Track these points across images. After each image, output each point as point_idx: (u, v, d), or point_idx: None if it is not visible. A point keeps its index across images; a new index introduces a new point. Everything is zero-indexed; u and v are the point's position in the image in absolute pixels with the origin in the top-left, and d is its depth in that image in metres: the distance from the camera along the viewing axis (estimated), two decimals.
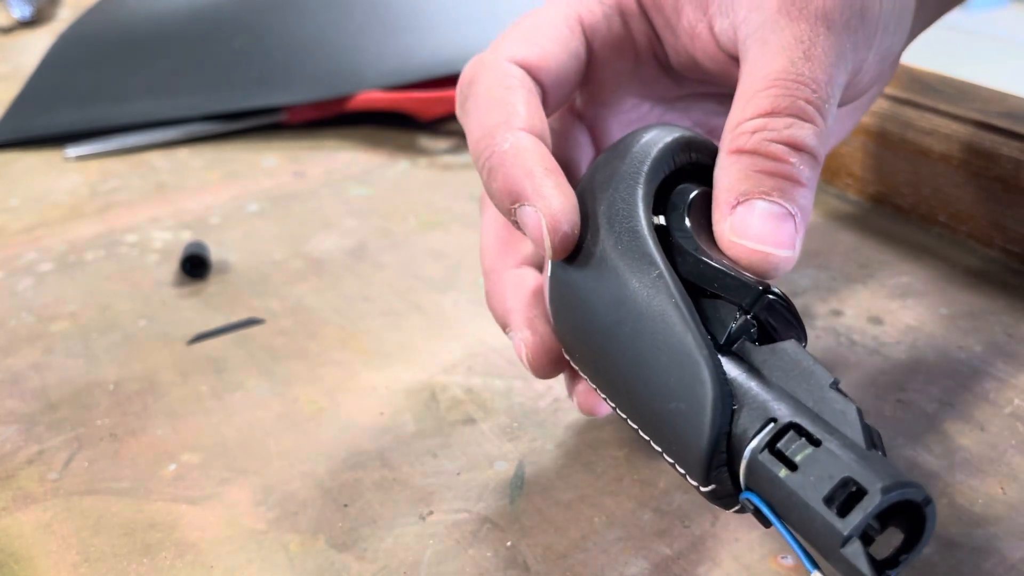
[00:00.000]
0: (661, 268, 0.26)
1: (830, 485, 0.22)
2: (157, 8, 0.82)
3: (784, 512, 0.23)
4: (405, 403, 0.39)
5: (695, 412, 0.24)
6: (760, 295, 0.26)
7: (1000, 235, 0.46)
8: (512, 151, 0.29)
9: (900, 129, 0.49)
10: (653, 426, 0.26)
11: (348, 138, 0.66)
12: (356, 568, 0.31)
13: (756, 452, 0.23)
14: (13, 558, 0.32)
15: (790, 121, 0.27)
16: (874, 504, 0.21)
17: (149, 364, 0.42)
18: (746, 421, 0.24)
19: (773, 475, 0.23)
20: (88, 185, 0.61)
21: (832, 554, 0.22)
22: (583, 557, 0.31)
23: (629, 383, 0.27)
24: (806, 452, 0.23)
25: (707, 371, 0.24)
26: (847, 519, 0.21)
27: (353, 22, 0.74)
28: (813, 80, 0.28)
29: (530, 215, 0.28)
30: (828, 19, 0.28)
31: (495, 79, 0.31)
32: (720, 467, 0.24)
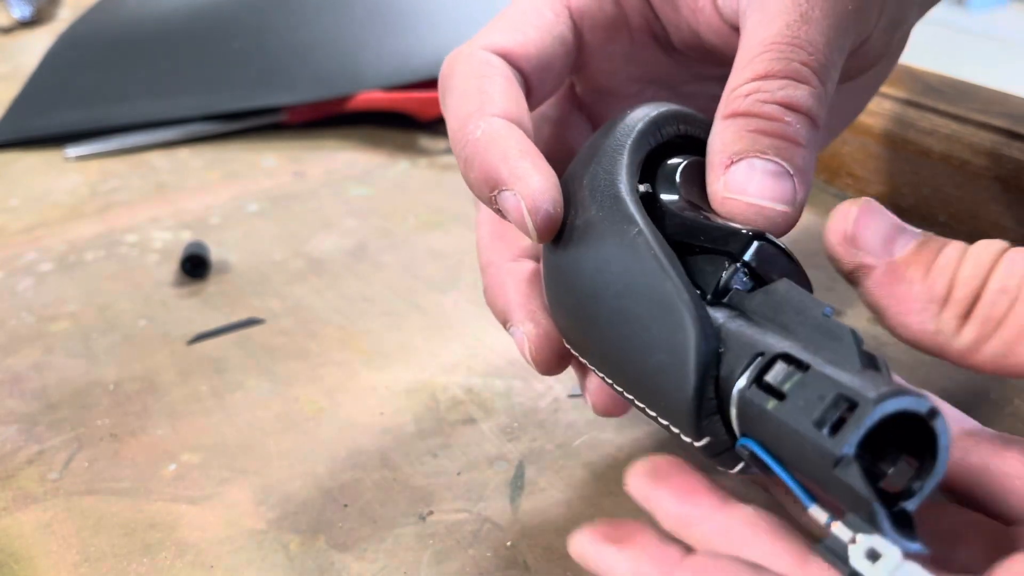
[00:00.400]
0: (640, 225, 0.25)
1: (820, 407, 0.20)
2: (157, 8, 0.82)
3: (779, 449, 0.21)
4: (405, 403, 0.39)
5: (679, 359, 0.23)
6: (748, 240, 0.25)
7: (1001, 235, 0.46)
8: (485, 138, 0.28)
9: (901, 129, 0.49)
10: (643, 387, 0.25)
11: (348, 138, 0.66)
12: (356, 568, 0.31)
13: (744, 390, 0.22)
14: (13, 558, 0.32)
15: (785, 83, 0.27)
16: (866, 415, 0.19)
17: (149, 364, 0.42)
18: (733, 361, 0.22)
19: (762, 409, 0.21)
20: (88, 185, 0.61)
21: (830, 481, 0.20)
22: None
23: (617, 347, 0.25)
24: (794, 379, 0.21)
25: (688, 316, 0.23)
26: (838, 437, 0.19)
27: (353, 22, 0.74)
28: (810, 43, 0.27)
29: (509, 200, 0.28)
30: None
31: (471, 69, 0.31)
32: (711, 416, 0.23)
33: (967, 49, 2.33)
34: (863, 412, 0.19)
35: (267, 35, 0.74)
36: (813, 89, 0.27)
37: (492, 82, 0.30)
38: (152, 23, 0.79)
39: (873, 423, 0.19)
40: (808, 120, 0.27)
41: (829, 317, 0.22)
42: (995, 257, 0.23)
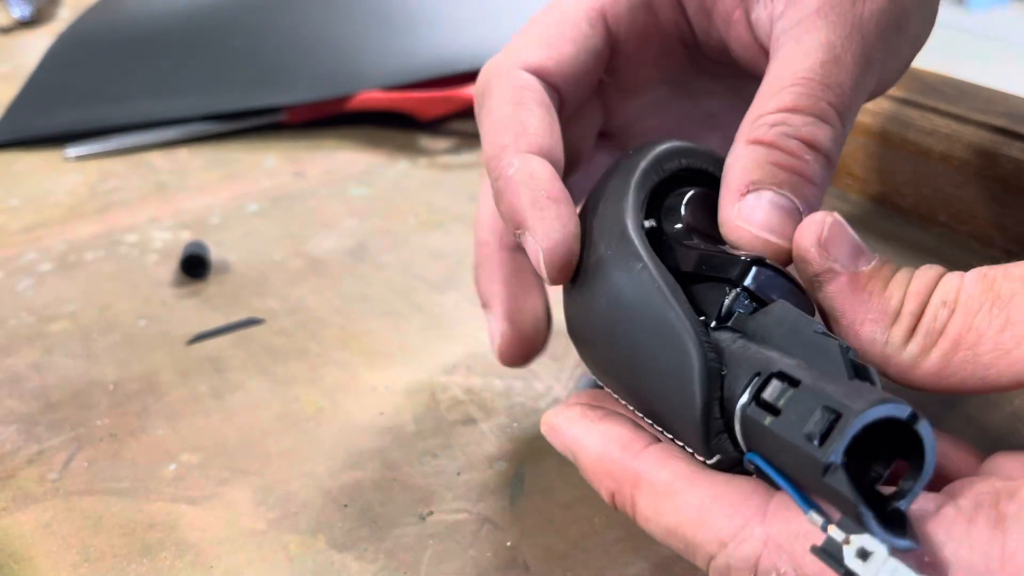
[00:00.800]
0: (645, 260, 0.27)
1: (810, 420, 0.21)
2: (157, 8, 0.82)
3: (779, 461, 0.23)
4: (405, 403, 0.39)
5: (685, 384, 0.25)
6: (747, 266, 0.26)
7: (1001, 235, 0.46)
8: (517, 177, 0.29)
9: (901, 129, 0.49)
10: (658, 412, 0.27)
11: (348, 138, 0.66)
12: (356, 568, 0.31)
13: (745, 407, 0.23)
14: (13, 558, 0.32)
15: (810, 120, 0.28)
16: (849, 425, 0.20)
17: (149, 364, 0.42)
18: (734, 382, 0.24)
19: (761, 425, 0.23)
20: (88, 185, 0.61)
21: (822, 488, 0.21)
22: (583, 557, 0.31)
23: (631, 376, 0.27)
24: (788, 395, 0.22)
25: (690, 343, 0.25)
26: (825, 447, 0.21)
27: (353, 22, 0.74)
28: (839, 84, 0.28)
29: (530, 243, 0.29)
30: (864, 28, 0.29)
31: (508, 92, 0.31)
32: (719, 434, 0.24)
33: (967, 49, 2.33)
34: (847, 422, 0.20)
35: (267, 35, 0.74)
36: (834, 130, 0.28)
37: (529, 111, 0.31)
38: (152, 23, 0.79)
39: (856, 432, 0.20)
40: (825, 160, 0.28)
41: (820, 334, 0.24)
42: (938, 275, 0.26)
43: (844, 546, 0.20)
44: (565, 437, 0.29)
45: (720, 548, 0.24)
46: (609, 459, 0.27)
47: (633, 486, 0.26)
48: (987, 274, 0.25)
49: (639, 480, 0.26)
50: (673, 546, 0.25)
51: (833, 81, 0.28)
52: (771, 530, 0.23)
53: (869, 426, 0.20)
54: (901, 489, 0.21)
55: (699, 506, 0.25)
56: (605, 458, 0.27)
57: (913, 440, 0.21)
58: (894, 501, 0.21)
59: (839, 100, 0.28)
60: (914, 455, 0.21)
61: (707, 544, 0.24)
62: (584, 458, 0.28)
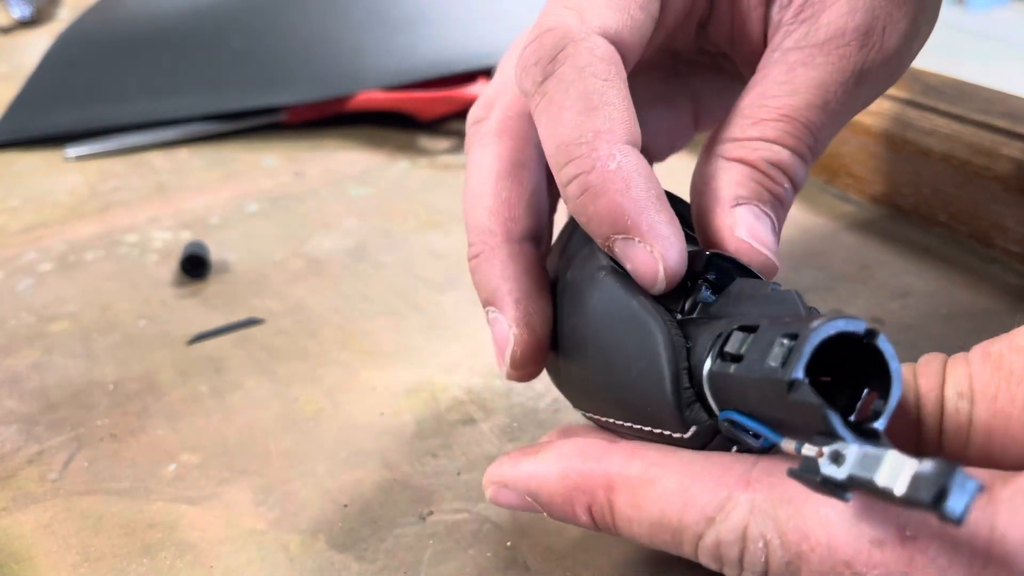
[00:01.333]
0: (605, 264, 0.28)
1: (770, 351, 0.21)
2: (157, 8, 0.82)
3: (750, 408, 0.23)
4: (405, 403, 0.39)
5: (653, 361, 0.25)
6: (707, 258, 0.27)
7: (1001, 235, 0.46)
8: (621, 175, 0.26)
9: (901, 129, 0.49)
10: (633, 403, 0.26)
11: (348, 138, 0.66)
12: (356, 568, 0.31)
13: (712, 366, 0.24)
14: (13, 558, 0.32)
15: (789, 155, 0.29)
16: (806, 340, 0.20)
17: (149, 364, 0.42)
18: (700, 351, 0.24)
19: (726, 375, 0.23)
20: (88, 185, 0.61)
21: (790, 412, 0.21)
22: (583, 557, 0.31)
23: (608, 377, 0.27)
24: (748, 340, 0.23)
25: (652, 322, 0.25)
26: (785, 367, 0.21)
27: (353, 22, 0.74)
28: (820, 129, 0.29)
29: (640, 252, 0.26)
30: (862, 75, 0.29)
31: (588, 63, 0.27)
32: (691, 404, 0.25)
33: (967, 49, 2.33)
34: (803, 338, 0.21)
35: (267, 35, 0.74)
36: (807, 166, 0.30)
37: (614, 91, 0.27)
38: (152, 23, 0.79)
39: (814, 346, 0.20)
40: (795, 189, 0.30)
41: (776, 289, 0.24)
42: (942, 365, 0.25)
43: (819, 459, 0.20)
44: (518, 479, 0.27)
45: (708, 525, 0.23)
46: (574, 473, 0.26)
47: (607, 489, 0.25)
48: (990, 352, 0.24)
49: (611, 481, 0.25)
50: (661, 542, 0.25)
51: (816, 126, 0.29)
52: (756, 496, 0.23)
53: (827, 346, 0.21)
54: (874, 411, 0.21)
55: (679, 488, 0.24)
56: (569, 475, 0.26)
57: (879, 363, 0.21)
58: (869, 422, 0.21)
59: (816, 142, 0.30)
60: (882, 378, 0.21)
61: (694, 524, 0.23)
62: (546, 488, 0.26)
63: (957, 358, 0.25)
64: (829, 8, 0.29)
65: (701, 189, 0.29)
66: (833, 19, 0.29)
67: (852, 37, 0.29)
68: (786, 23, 0.30)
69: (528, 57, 0.28)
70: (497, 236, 0.31)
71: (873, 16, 0.29)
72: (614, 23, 0.28)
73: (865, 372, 0.22)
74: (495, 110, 0.33)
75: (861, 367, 0.22)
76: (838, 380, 0.22)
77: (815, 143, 0.29)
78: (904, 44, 0.30)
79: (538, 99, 0.28)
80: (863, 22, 0.29)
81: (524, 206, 0.32)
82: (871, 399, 0.22)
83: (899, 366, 0.21)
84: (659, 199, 0.27)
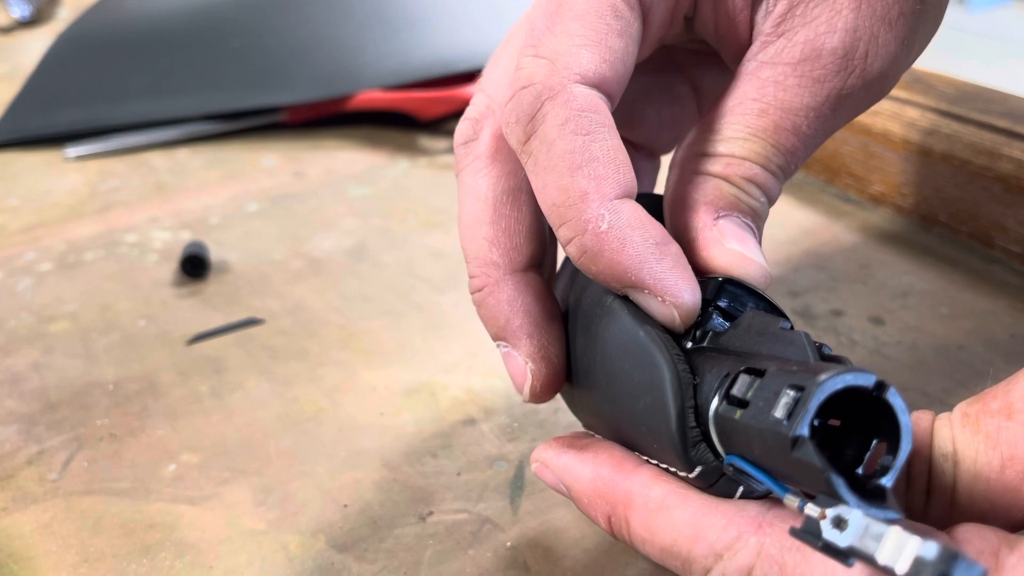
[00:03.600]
0: (612, 296, 0.27)
1: (777, 403, 0.21)
2: (156, 8, 0.82)
3: (754, 456, 0.22)
4: (405, 403, 0.39)
5: (659, 397, 0.24)
6: (717, 285, 0.26)
7: (1001, 235, 0.46)
8: (614, 233, 0.25)
9: (901, 129, 0.49)
10: (641, 436, 0.26)
11: (348, 138, 0.66)
12: (356, 568, 0.31)
13: (718, 408, 0.23)
14: (13, 558, 0.32)
15: (765, 174, 0.28)
16: (812, 395, 0.20)
17: (149, 364, 0.42)
18: (707, 388, 0.24)
19: (732, 420, 0.22)
20: (88, 185, 0.61)
21: (794, 468, 0.21)
22: (583, 558, 0.31)
23: (614, 407, 0.27)
24: (755, 385, 0.22)
25: (659, 355, 0.25)
26: (790, 422, 0.20)
27: (353, 22, 0.74)
28: (790, 151, 0.28)
29: (651, 302, 0.26)
30: (839, 100, 0.28)
31: (567, 119, 0.26)
32: (697, 444, 0.24)
33: (967, 49, 2.33)
34: (809, 393, 0.20)
35: (267, 35, 0.74)
36: (780, 184, 0.29)
37: (599, 144, 0.26)
38: (151, 23, 0.79)
39: (820, 402, 0.20)
40: (770, 203, 0.29)
41: (786, 329, 0.23)
42: (930, 424, 0.25)
43: (821, 521, 0.20)
44: (556, 468, 0.28)
45: (715, 561, 0.24)
46: (601, 482, 0.27)
47: (626, 507, 0.26)
48: (968, 413, 0.25)
49: (631, 500, 0.26)
50: (672, 567, 0.25)
51: (786, 148, 0.28)
52: (765, 540, 0.23)
53: (835, 399, 0.20)
54: (882, 466, 0.21)
55: (692, 520, 0.24)
56: (597, 481, 0.27)
57: (888, 416, 0.21)
58: (876, 479, 0.21)
59: (788, 162, 0.29)
60: (891, 432, 0.21)
61: (702, 558, 0.24)
62: (577, 486, 0.27)
63: (943, 418, 0.25)
64: (809, 24, 0.27)
65: (677, 205, 0.28)
66: (811, 37, 0.27)
67: (829, 60, 0.27)
68: (765, 33, 0.28)
69: (508, 116, 0.28)
70: (500, 268, 0.30)
71: (855, 38, 0.27)
72: (592, 64, 0.27)
73: (875, 422, 0.21)
74: (484, 131, 0.31)
75: (872, 416, 0.21)
76: (849, 425, 0.22)
77: (786, 163, 0.29)
78: (891, 67, 0.28)
79: (524, 158, 0.28)
80: (842, 44, 0.27)
81: (525, 233, 0.30)
82: (880, 451, 0.21)
83: (909, 422, 0.21)
84: (659, 246, 0.26)
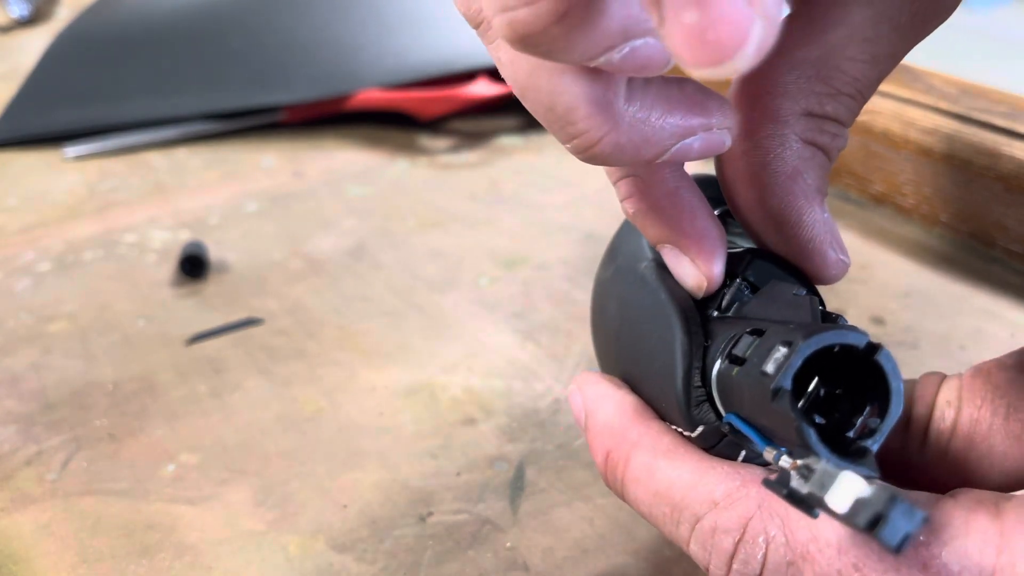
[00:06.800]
0: (649, 258, 0.28)
1: (769, 358, 0.21)
2: (156, 7, 0.82)
3: (747, 412, 0.22)
4: (405, 403, 0.39)
5: (669, 356, 0.25)
6: (746, 258, 0.26)
7: (1002, 235, 0.46)
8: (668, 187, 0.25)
9: (902, 128, 0.49)
10: (656, 394, 0.27)
11: (347, 138, 0.66)
12: (355, 569, 0.31)
13: (720, 368, 0.24)
14: (12, 559, 0.32)
15: (847, 135, 0.26)
16: (797, 351, 0.20)
17: (148, 364, 0.42)
18: (715, 350, 0.24)
19: (730, 377, 0.23)
20: (86, 185, 0.61)
21: (775, 419, 0.21)
22: (583, 558, 0.31)
23: (635, 365, 0.28)
24: (754, 344, 0.22)
25: (675, 317, 0.25)
26: (775, 374, 0.20)
27: (352, 21, 0.74)
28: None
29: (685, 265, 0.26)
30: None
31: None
32: (700, 403, 0.25)
33: (968, 49, 2.33)
34: (795, 348, 0.20)
35: (266, 34, 0.74)
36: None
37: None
38: (151, 22, 0.79)
39: (805, 356, 0.20)
40: None
41: (798, 295, 0.24)
42: (940, 379, 0.26)
43: (792, 471, 0.20)
44: (587, 395, 0.28)
45: (710, 508, 0.23)
46: (619, 418, 0.27)
47: (632, 445, 0.26)
48: (981, 368, 0.25)
49: (640, 441, 0.26)
50: (659, 514, 0.25)
51: (863, 102, 0.26)
52: (767, 493, 0.22)
53: (832, 361, 0.20)
54: (870, 429, 0.21)
55: (695, 468, 0.24)
56: (614, 418, 0.27)
57: (881, 379, 0.21)
58: (864, 439, 0.21)
59: None
60: (883, 395, 0.21)
61: (697, 504, 0.23)
62: (594, 418, 0.28)
63: (953, 375, 0.26)
64: None
65: (780, 173, 0.25)
66: None
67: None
68: None
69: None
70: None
71: None
72: None
73: (871, 385, 0.21)
74: None
75: (867, 380, 0.21)
76: (850, 392, 0.22)
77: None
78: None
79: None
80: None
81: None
82: (873, 413, 0.21)
83: (900, 384, 0.21)
84: (711, 213, 0.26)
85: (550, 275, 0.48)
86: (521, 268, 0.48)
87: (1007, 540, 0.20)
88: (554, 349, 0.42)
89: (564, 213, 0.54)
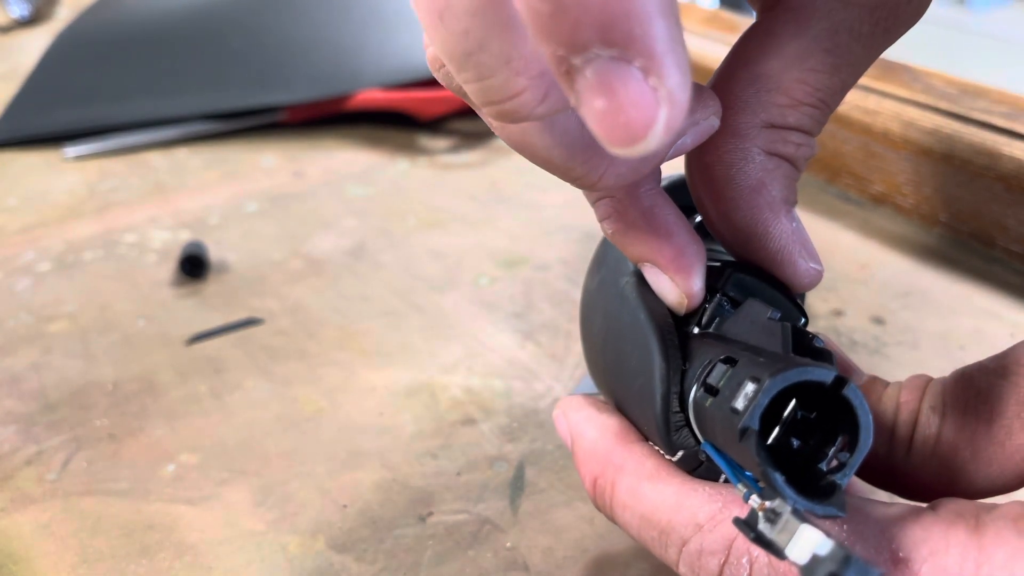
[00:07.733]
0: (629, 275, 0.28)
1: (738, 392, 0.21)
2: (156, 7, 0.82)
3: (720, 443, 0.22)
4: (405, 403, 0.39)
5: (648, 380, 0.25)
6: (726, 273, 0.26)
7: (1002, 235, 0.46)
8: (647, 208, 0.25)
9: (902, 129, 0.49)
10: (637, 416, 0.27)
11: (348, 138, 0.66)
12: (355, 569, 0.31)
13: (695, 395, 0.24)
14: (12, 559, 0.32)
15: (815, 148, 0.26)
16: (763, 389, 0.20)
17: (148, 364, 0.42)
18: (692, 373, 0.24)
19: (704, 408, 0.23)
20: (87, 185, 0.61)
21: (744, 458, 0.21)
22: (583, 558, 0.31)
23: (618, 385, 0.28)
24: (727, 375, 0.22)
25: (653, 340, 0.25)
26: (743, 413, 0.20)
27: (352, 21, 0.74)
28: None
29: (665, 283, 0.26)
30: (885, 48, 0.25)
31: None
32: (680, 429, 0.25)
33: (968, 49, 2.33)
34: (762, 386, 0.20)
35: (266, 34, 0.74)
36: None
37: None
38: (151, 22, 0.79)
39: (772, 395, 0.20)
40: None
41: (773, 320, 0.24)
42: (925, 383, 0.26)
43: (760, 512, 0.20)
44: (571, 420, 0.29)
45: (695, 531, 0.24)
46: (603, 442, 0.27)
47: (617, 470, 0.26)
48: (964, 372, 0.25)
49: (624, 465, 0.26)
50: (646, 537, 0.25)
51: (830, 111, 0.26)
52: None
53: (804, 392, 0.20)
54: (840, 463, 0.21)
55: (678, 491, 0.24)
56: (599, 443, 0.27)
57: (851, 412, 0.21)
58: (833, 475, 0.21)
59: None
60: (853, 428, 0.21)
61: (682, 527, 0.24)
62: (580, 443, 0.28)
63: (938, 379, 0.26)
64: None
65: (745, 188, 0.25)
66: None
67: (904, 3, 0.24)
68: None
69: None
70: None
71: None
72: None
73: (842, 417, 0.21)
74: None
75: (839, 412, 0.21)
76: (824, 417, 0.21)
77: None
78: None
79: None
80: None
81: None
82: (843, 447, 0.21)
83: (869, 419, 0.20)
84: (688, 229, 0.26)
85: (550, 275, 0.48)
86: (521, 268, 0.48)
87: (987, 555, 0.20)
88: (554, 349, 0.42)
89: (564, 213, 0.54)
